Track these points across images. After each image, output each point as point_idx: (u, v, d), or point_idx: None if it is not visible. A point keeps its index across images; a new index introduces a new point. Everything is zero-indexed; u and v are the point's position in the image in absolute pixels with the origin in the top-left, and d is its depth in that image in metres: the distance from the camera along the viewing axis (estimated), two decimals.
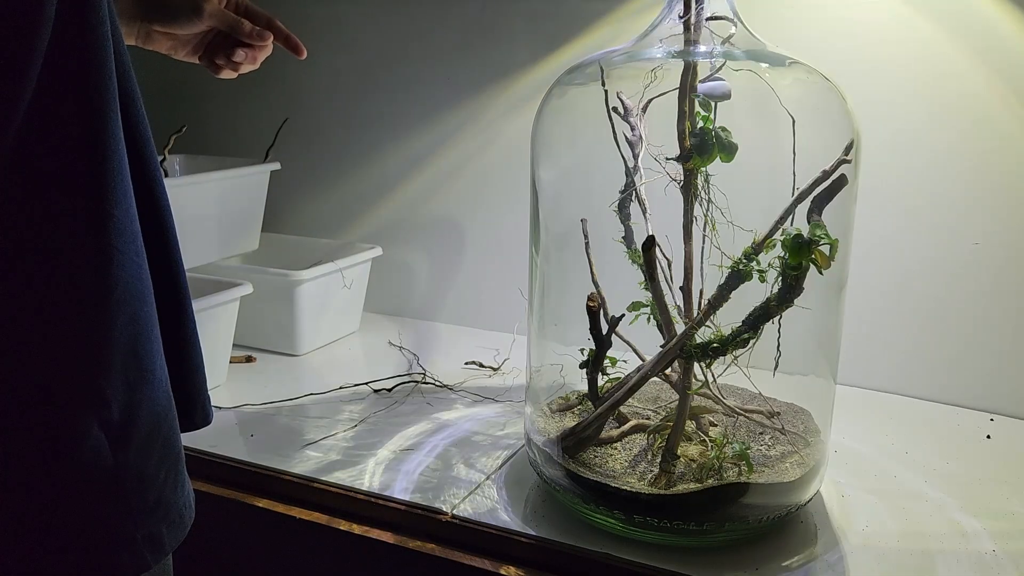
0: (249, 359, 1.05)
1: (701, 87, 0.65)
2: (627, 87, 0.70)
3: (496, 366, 1.03)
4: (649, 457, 0.69)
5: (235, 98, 1.29)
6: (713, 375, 0.71)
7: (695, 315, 0.68)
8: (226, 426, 0.87)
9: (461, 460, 0.80)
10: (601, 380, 0.72)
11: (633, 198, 0.72)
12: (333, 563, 0.74)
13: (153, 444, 0.49)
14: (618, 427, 0.73)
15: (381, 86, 1.19)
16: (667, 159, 0.67)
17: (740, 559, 0.65)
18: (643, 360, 0.73)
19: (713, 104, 0.65)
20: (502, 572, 0.67)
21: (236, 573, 0.80)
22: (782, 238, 0.62)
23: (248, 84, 1.27)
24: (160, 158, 1.13)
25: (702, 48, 0.67)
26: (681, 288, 0.69)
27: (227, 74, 0.77)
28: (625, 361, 0.73)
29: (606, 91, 0.69)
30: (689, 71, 0.65)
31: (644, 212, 0.71)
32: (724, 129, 0.65)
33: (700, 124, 0.66)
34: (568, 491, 0.69)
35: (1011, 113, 0.87)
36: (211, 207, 1.05)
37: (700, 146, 0.65)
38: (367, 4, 1.17)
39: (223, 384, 0.97)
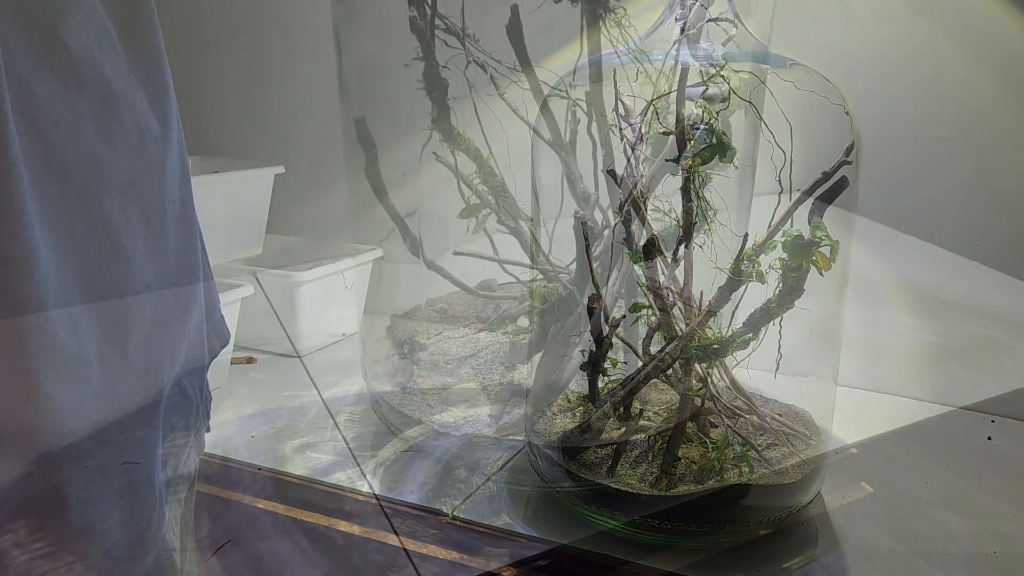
0: (250, 360, 1.06)
1: (698, 90, 0.65)
2: (628, 89, 0.70)
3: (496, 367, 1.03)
4: (650, 458, 0.69)
5: (237, 99, 1.29)
6: (717, 375, 0.71)
7: (695, 317, 0.68)
8: (226, 427, 0.87)
9: (462, 461, 0.80)
10: (601, 382, 0.72)
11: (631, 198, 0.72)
12: (334, 565, 0.74)
13: None
14: (619, 428, 0.73)
15: (383, 87, 1.19)
16: (666, 160, 0.67)
17: (740, 561, 0.64)
18: (643, 362, 0.73)
19: (710, 106, 0.65)
20: (503, 573, 0.67)
21: (235, 574, 0.80)
22: (783, 240, 0.62)
23: (250, 86, 1.28)
24: None
25: (702, 50, 0.67)
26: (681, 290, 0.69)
27: None
28: (625, 363, 0.73)
29: (617, 92, 0.69)
30: (687, 73, 0.65)
31: (643, 214, 0.71)
32: (723, 132, 0.65)
33: (700, 126, 0.66)
34: (569, 492, 0.69)
35: (1012, 115, 0.87)
36: (214, 210, 1.05)
37: (699, 148, 0.65)
38: (369, 6, 1.17)
39: (224, 385, 0.97)
